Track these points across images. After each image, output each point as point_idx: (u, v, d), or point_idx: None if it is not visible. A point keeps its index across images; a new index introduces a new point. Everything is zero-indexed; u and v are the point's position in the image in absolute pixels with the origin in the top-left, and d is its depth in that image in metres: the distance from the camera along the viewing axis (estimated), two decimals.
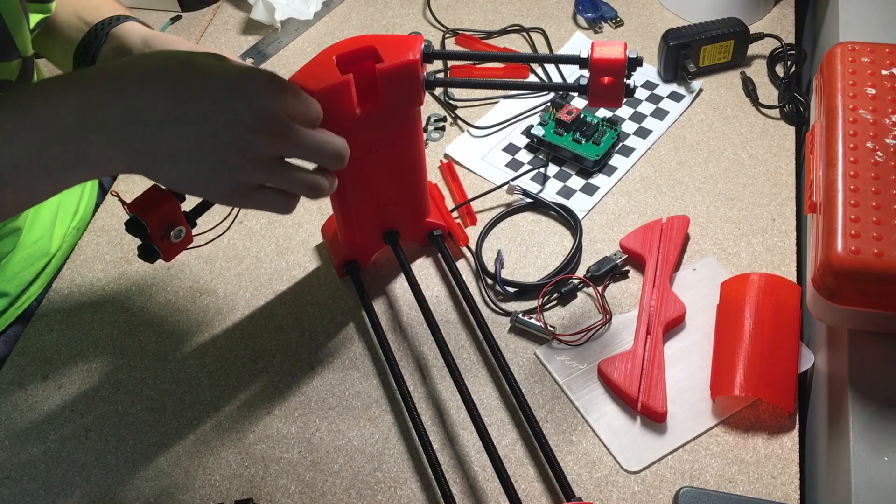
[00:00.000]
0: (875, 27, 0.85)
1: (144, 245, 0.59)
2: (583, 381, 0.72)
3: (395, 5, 1.09)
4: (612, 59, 0.63)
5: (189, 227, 0.62)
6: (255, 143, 0.53)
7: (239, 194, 0.56)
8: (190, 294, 0.81)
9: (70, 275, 0.83)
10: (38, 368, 0.76)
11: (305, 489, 0.68)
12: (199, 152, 0.53)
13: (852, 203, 0.63)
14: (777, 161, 0.88)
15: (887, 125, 0.68)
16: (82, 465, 0.70)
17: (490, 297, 0.78)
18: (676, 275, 0.78)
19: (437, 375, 0.74)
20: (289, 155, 0.57)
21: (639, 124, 0.92)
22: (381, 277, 0.81)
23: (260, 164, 0.55)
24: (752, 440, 0.68)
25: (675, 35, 0.94)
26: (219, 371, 0.75)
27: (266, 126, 0.53)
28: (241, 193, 0.56)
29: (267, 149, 0.54)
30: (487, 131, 0.93)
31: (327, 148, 0.58)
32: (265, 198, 0.57)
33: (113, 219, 0.88)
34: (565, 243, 0.82)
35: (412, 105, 0.68)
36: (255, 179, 0.56)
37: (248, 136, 0.53)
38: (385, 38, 0.66)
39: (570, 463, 0.68)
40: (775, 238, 0.81)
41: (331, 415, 0.72)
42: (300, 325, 0.78)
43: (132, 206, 0.58)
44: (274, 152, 0.55)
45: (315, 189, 0.59)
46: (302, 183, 0.58)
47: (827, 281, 0.62)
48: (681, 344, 0.74)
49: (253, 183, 0.56)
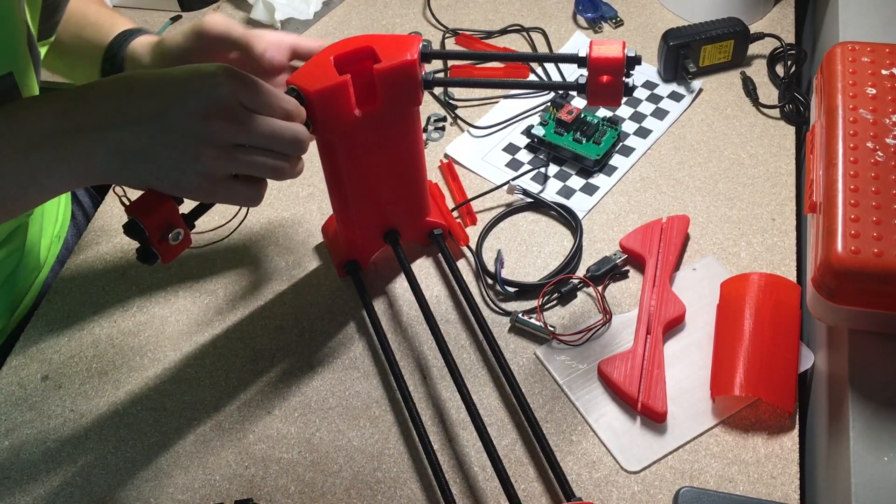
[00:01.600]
0: (875, 27, 0.85)
1: (143, 248, 0.59)
2: (583, 381, 0.72)
3: (394, 5, 1.09)
4: (611, 57, 0.63)
5: (187, 229, 0.61)
6: (209, 130, 0.55)
7: (207, 184, 0.58)
8: (190, 294, 0.81)
9: (70, 274, 0.83)
10: (38, 368, 0.76)
11: (305, 489, 0.68)
12: (160, 146, 0.55)
13: (852, 203, 0.63)
14: (777, 161, 0.88)
15: (887, 125, 0.68)
16: (82, 465, 0.70)
17: (490, 296, 0.78)
18: (676, 275, 0.78)
19: (437, 375, 0.74)
20: (245, 142, 0.58)
21: (639, 124, 0.92)
22: (381, 277, 0.81)
23: (219, 151, 0.56)
24: (752, 440, 0.68)
25: (675, 35, 0.94)
26: (219, 371, 0.75)
27: (218, 112, 0.55)
28: (210, 184, 0.58)
29: (222, 135, 0.56)
30: (487, 131, 0.93)
31: (285, 133, 0.59)
32: (232, 189, 0.59)
33: (112, 219, 0.88)
34: (565, 243, 0.82)
35: (411, 105, 0.68)
36: (217, 168, 0.57)
37: (202, 124, 0.55)
38: (383, 38, 0.66)
39: (570, 463, 0.67)
40: (775, 238, 0.81)
41: (331, 415, 0.72)
42: (300, 325, 0.78)
43: (130, 210, 0.58)
44: (229, 139, 0.57)
45: (277, 170, 0.60)
46: (264, 165, 0.59)
47: (827, 281, 0.62)
48: (681, 344, 0.74)
49: (217, 173, 0.57)
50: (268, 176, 0.60)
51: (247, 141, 0.57)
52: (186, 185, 0.57)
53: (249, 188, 0.60)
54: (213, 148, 0.56)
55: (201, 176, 0.57)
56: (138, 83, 0.57)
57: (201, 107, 0.55)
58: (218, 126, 0.56)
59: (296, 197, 0.88)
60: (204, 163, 0.56)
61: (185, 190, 0.58)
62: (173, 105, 0.55)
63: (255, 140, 0.58)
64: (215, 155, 0.56)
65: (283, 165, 0.60)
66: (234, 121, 0.56)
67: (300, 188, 0.89)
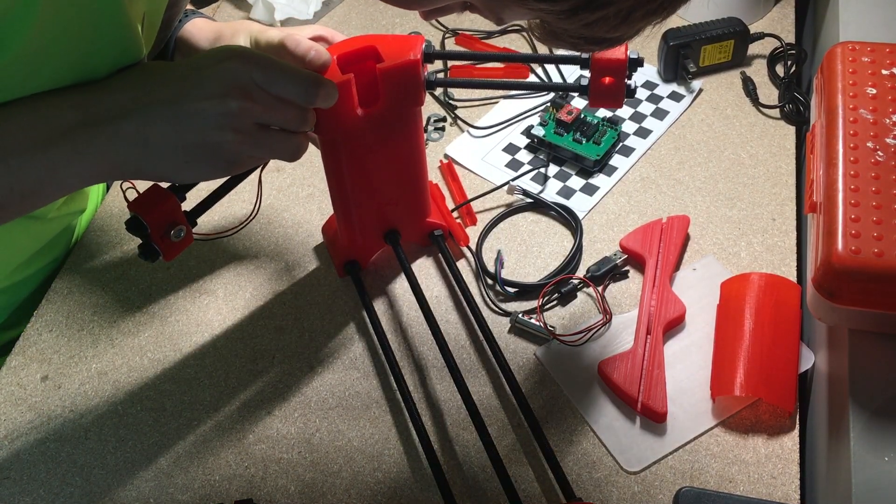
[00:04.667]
0: (875, 27, 0.85)
1: (145, 244, 0.59)
2: (583, 382, 0.72)
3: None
4: (613, 59, 0.63)
5: (189, 226, 0.62)
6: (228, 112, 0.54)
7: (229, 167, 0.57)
8: (190, 294, 0.81)
9: (70, 275, 0.83)
10: (38, 368, 0.76)
11: (305, 489, 0.68)
12: (180, 133, 0.54)
13: (852, 203, 0.63)
14: (777, 161, 0.88)
15: (887, 125, 0.68)
16: (82, 466, 0.70)
17: (490, 297, 0.78)
18: (676, 275, 0.78)
19: (437, 376, 0.74)
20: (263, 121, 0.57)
21: (639, 124, 0.92)
22: (381, 277, 0.81)
23: (240, 134, 0.55)
24: (752, 440, 0.68)
25: (675, 35, 0.94)
26: (218, 371, 0.75)
27: (235, 93, 0.55)
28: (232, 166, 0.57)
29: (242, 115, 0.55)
30: (487, 131, 0.93)
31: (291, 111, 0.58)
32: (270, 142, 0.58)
33: (112, 218, 0.88)
34: (565, 243, 0.82)
35: (413, 105, 0.68)
36: (242, 151, 0.56)
37: (221, 105, 0.54)
38: (386, 37, 0.66)
39: (570, 463, 0.67)
40: (775, 238, 0.81)
41: (331, 415, 0.72)
42: (300, 325, 0.78)
43: (133, 206, 0.58)
44: (248, 119, 0.56)
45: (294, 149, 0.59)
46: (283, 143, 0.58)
47: (827, 281, 0.62)
48: (681, 344, 0.74)
49: (242, 155, 0.57)
50: (285, 157, 0.60)
51: (264, 120, 0.57)
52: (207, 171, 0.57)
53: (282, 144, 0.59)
54: (234, 131, 0.55)
55: (225, 160, 0.56)
56: (156, 72, 0.57)
57: (219, 89, 0.54)
58: (237, 106, 0.55)
59: (296, 197, 0.88)
60: (227, 147, 0.55)
61: (206, 175, 0.57)
62: (192, 88, 0.54)
63: (272, 118, 0.57)
64: (237, 139, 0.55)
65: (300, 144, 0.60)
66: (251, 99, 0.55)
67: (300, 188, 0.89)
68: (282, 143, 0.59)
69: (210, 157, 0.56)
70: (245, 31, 0.72)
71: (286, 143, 0.59)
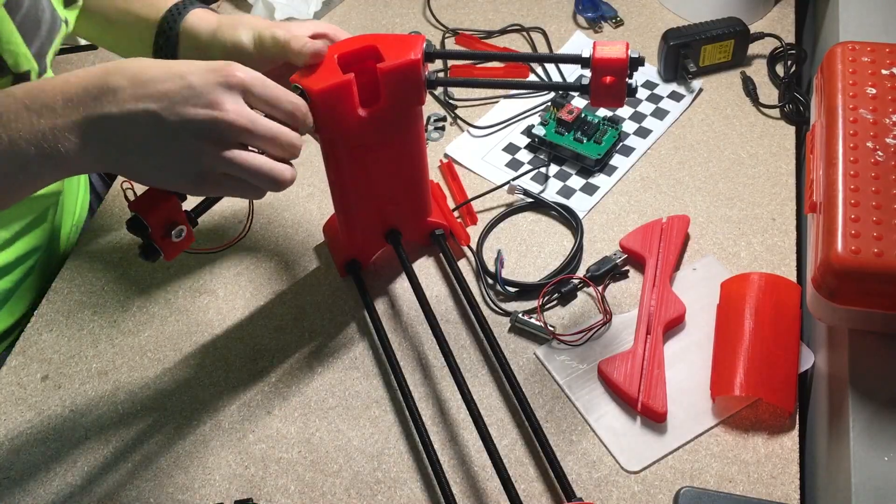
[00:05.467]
0: (875, 27, 0.85)
1: (145, 244, 0.59)
2: (583, 381, 0.72)
3: (394, 5, 1.09)
4: (614, 58, 0.63)
5: (190, 226, 0.61)
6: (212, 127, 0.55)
7: (205, 181, 0.57)
8: (190, 294, 0.81)
9: (70, 275, 0.83)
10: (38, 368, 0.76)
11: (305, 489, 0.68)
12: (161, 139, 0.55)
13: (852, 203, 0.63)
14: (777, 161, 0.88)
15: (887, 125, 0.68)
16: (82, 465, 0.70)
17: (490, 296, 0.78)
18: (676, 275, 0.78)
19: (437, 375, 0.74)
20: (247, 141, 0.57)
21: (639, 124, 0.92)
22: (382, 277, 0.81)
23: (219, 149, 0.56)
24: (752, 440, 0.68)
25: (675, 35, 0.94)
26: (218, 371, 0.75)
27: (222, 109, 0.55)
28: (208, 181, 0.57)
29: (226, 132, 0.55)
30: (487, 131, 0.93)
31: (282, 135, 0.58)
32: (226, 186, 0.58)
33: (112, 219, 0.88)
34: (565, 243, 0.82)
35: (414, 104, 0.68)
36: (217, 166, 0.56)
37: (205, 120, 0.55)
38: (386, 37, 0.65)
39: (570, 463, 0.68)
40: (775, 238, 0.81)
41: (331, 415, 0.72)
42: (300, 325, 0.78)
43: (133, 206, 0.58)
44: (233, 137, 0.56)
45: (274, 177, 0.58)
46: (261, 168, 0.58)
47: (827, 281, 0.62)
48: (681, 344, 0.74)
49: (217, 170, 0.57)
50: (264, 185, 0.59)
51: (248, 141, 0.57)
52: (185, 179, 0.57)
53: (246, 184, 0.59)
54: (214, 145, 0.55)
55: (197, 174, 0.56)
56: (152, 65, 0.57)
57: (206, 102, 0.55)
58: (222, 123, 0.55)
59: (296, 197, 0.88)
60: (205, 159, 0.56)
61: (182, 183, 0.57)
62: (181, 89, 0.55)
63: (256, 140, 0.57)
64: (214, 153, 0.56)
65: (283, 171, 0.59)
66: (239, 117, 0.55)
67: (300, 188, 0.89)
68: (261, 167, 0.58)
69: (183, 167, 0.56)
70: (248, 27, 0.71)
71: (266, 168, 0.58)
